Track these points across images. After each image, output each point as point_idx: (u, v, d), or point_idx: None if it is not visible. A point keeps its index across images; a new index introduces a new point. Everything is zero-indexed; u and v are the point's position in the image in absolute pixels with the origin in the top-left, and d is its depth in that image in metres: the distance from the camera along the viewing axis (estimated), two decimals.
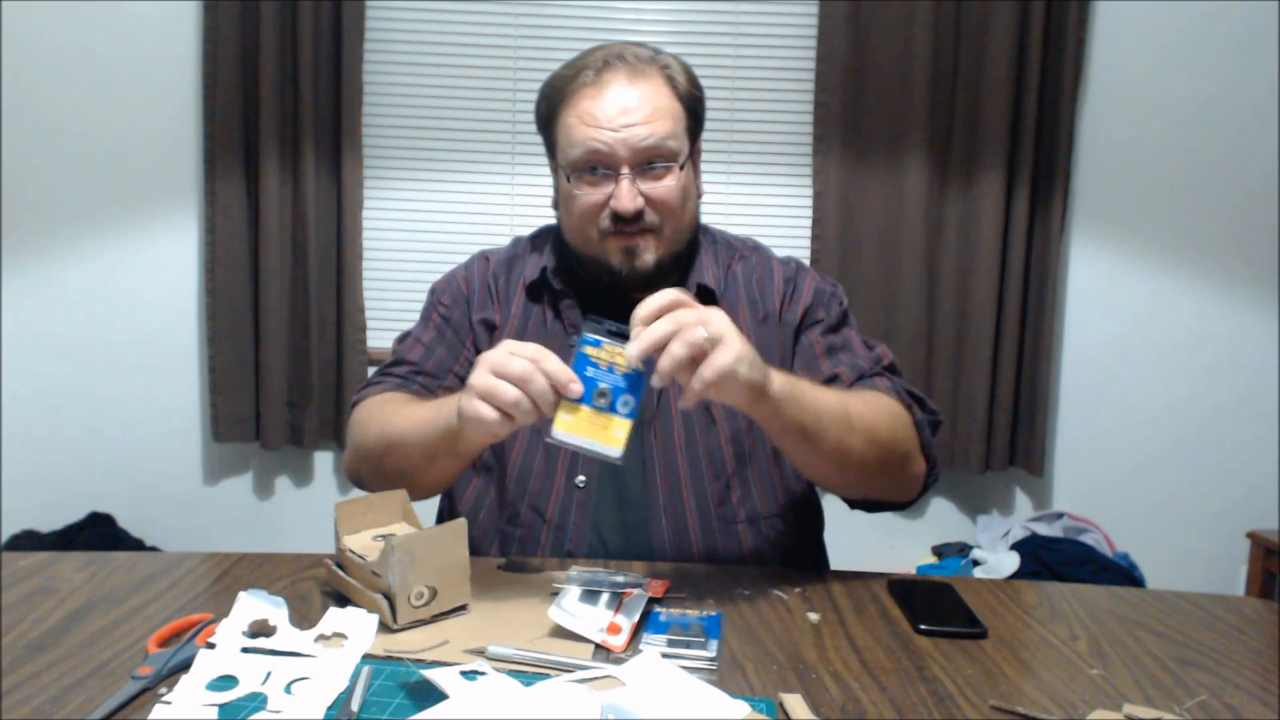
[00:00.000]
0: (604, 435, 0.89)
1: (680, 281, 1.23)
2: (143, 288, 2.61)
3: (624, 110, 1.13)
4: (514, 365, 0.88)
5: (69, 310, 2.61)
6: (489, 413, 0.89)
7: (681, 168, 1.17)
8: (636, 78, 1.16)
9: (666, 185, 1.15)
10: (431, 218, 2.63)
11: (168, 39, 2.53)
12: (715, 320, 0.89)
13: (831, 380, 1.17)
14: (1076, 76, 2.50)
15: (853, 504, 1.19)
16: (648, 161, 1.14)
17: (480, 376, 0.90)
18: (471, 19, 2.57)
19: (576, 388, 0.88)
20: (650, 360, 0.89)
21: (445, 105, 2.60)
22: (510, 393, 0.88)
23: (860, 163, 2.54)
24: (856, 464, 1.06)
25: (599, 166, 1.14)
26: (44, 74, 2.53)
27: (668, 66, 1.19)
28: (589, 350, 0.90)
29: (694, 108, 1.22)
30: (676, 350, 0.87)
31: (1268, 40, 2.55)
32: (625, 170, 1.13)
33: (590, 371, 0.89)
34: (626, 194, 1.13)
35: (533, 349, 0.90)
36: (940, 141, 2.52)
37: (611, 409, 0.89)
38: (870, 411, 1.08)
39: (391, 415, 1.12)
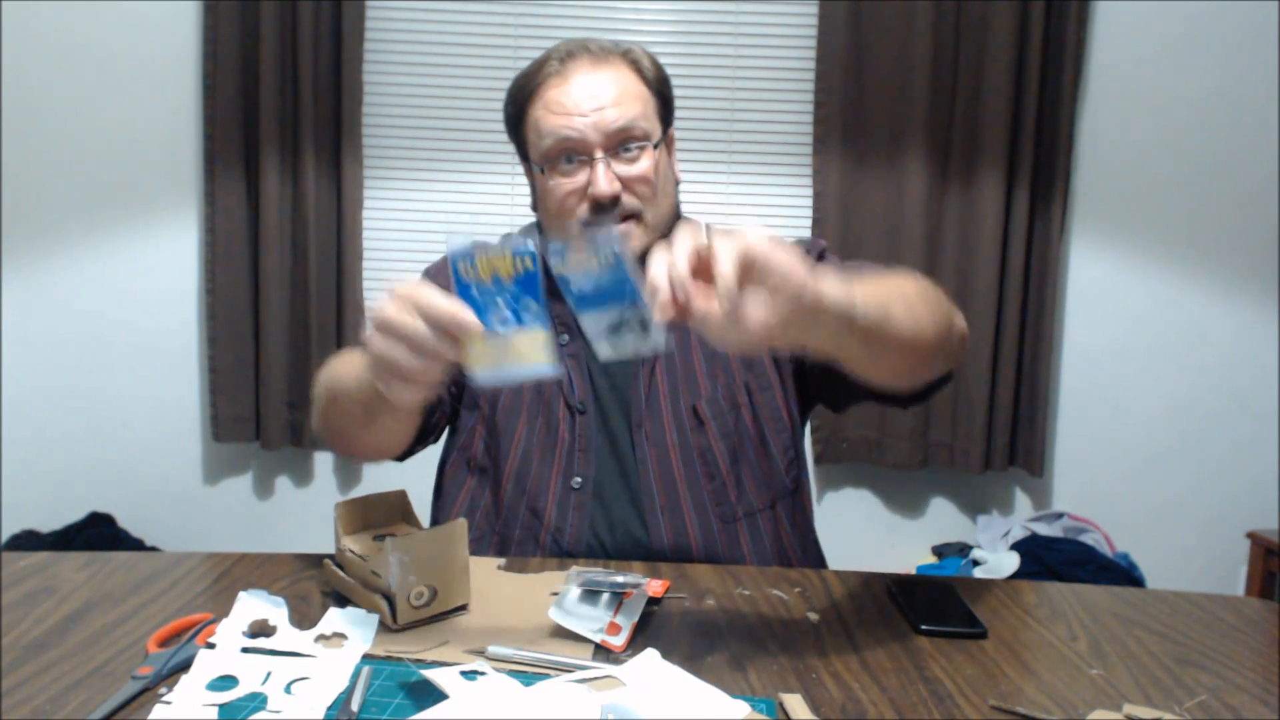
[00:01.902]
0: (524, 355, 0.79)
1: None
2: (143, 288, 2.61)
3: (592, 95, 1.13)
4: (398, 327, 0.78)
5: (69, 310, 2.61)
6: (401, 388, 0.81)
7: (655, 147, 1.16)
8: (601, 64, 1.16)
9: (642, 166, 1.14)
10: (431, 218, 2.63)
11: (168, 39, 2.53)
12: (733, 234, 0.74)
13: None
14: (1076, 76, 2.50)
15: (903, 400, 1.09)
16: (621, 144, 1.13)
17: (374, 341, 0.80)
18: (471, 19, 2.57)
19: (472, 323, 0.77)
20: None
21: (445, 105, 2.60)
22: (409, 363, 0.79)
23: (860, 163, 2.54)
24: (932, 335, 0.95)
25: (571, 154, 1.13)
26: (44, 74, 2.53)
27: (630, 52, 1.19)
28: (463, 270, 0.78)
29: (663, 92, 1.21)
30: (678, 256, 0.72)
31: (1268, 40, 2.55)
32: (599, 154, 1.13)
33: (476, 294, 0.78)
34: (603, 177, 1.12)
35: (410, 295, 0.78)
36: (940, 141, 2.52)
37: (517, 323, 0.78)
38: (907, 280, 0.99)
39: (338, 366, 1.08)
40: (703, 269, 0.73)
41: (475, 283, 0.78)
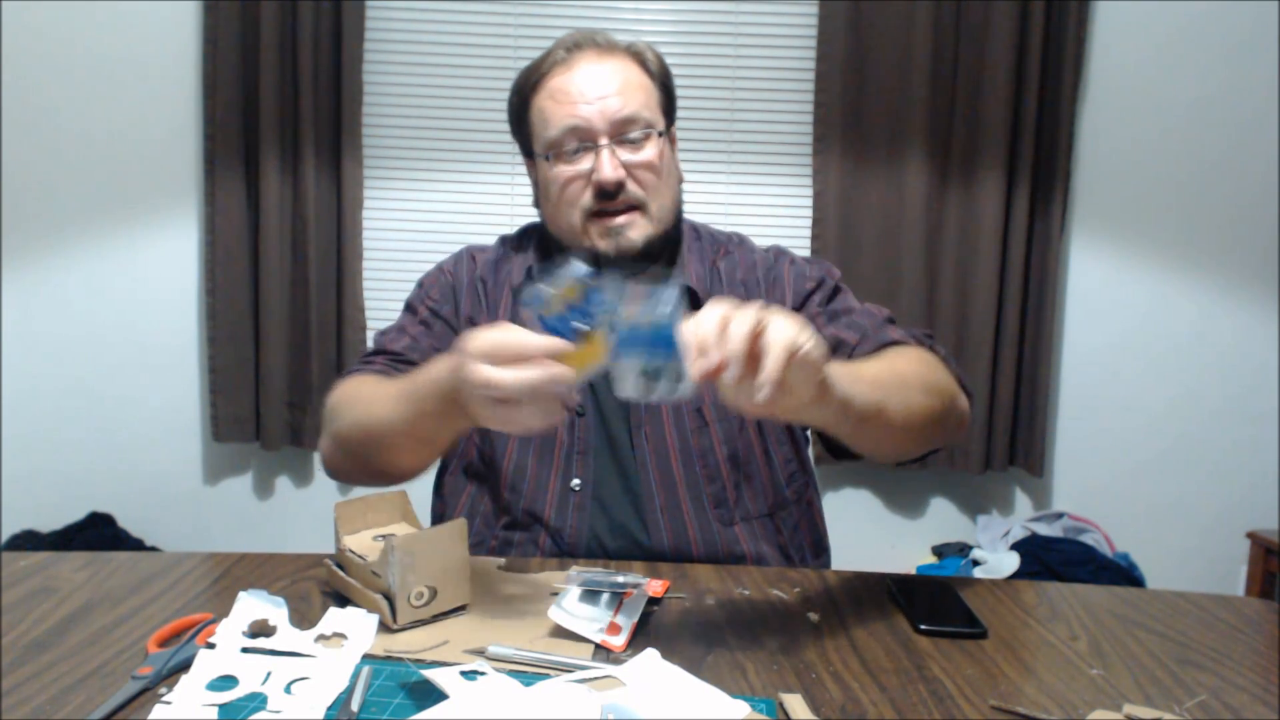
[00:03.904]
0: (597, 356, 0.82)
1: (665, 274, 1.22)
2: (143, 288, 2.61)
3: (597, 84, 1.14)
4: (515, 390, 0.80)
5: (69, 310, 2.61)
6: (542, 425, 0.83)
7: (660, 135, 1.17)
8: (606, 55, 1.17)
9: (647, 155, 1.15)
10: (431, 218, 2.63)
11: (168, 39, 2.53)
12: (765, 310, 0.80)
13: (836, 346, 1.15)
14: (1076, 76, 2.50)
15: (904, 461, 1.14)
16: (625, 132, 1.14)
17: (500, 411, 0.82)
18: (471, 19, 2.57)
19: (564, 345, 0.81)
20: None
21: (445, 105, 2.60)
22: (540, 413, 0.82)
23: (860, 163, 2.54)
24: (924, 421, 1.02)
25: (576, 142, 1.14)
26: (44, 74, 2.53)
27: (633, 45, 1.20)
28: (542, 312, 0.83)
29: (666, 86, 1.22)
30: (736, 330, 0.75)
31: (1268, 40, 2.55)
32: (604, 141, 1.13)
33: (558, 324, 0.83)
34: (607, 163, 1.12)
35: (500, 347, 0.81)
36: (940, 141, 2.52)
37: (588, 321, 0.82)
38: (912, 363, 1.05)
39: (370, 401, 1.07)
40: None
41: (554, 316, 0.83)
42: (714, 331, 0.76)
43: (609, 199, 1.13)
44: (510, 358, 0.81)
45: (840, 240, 2.55)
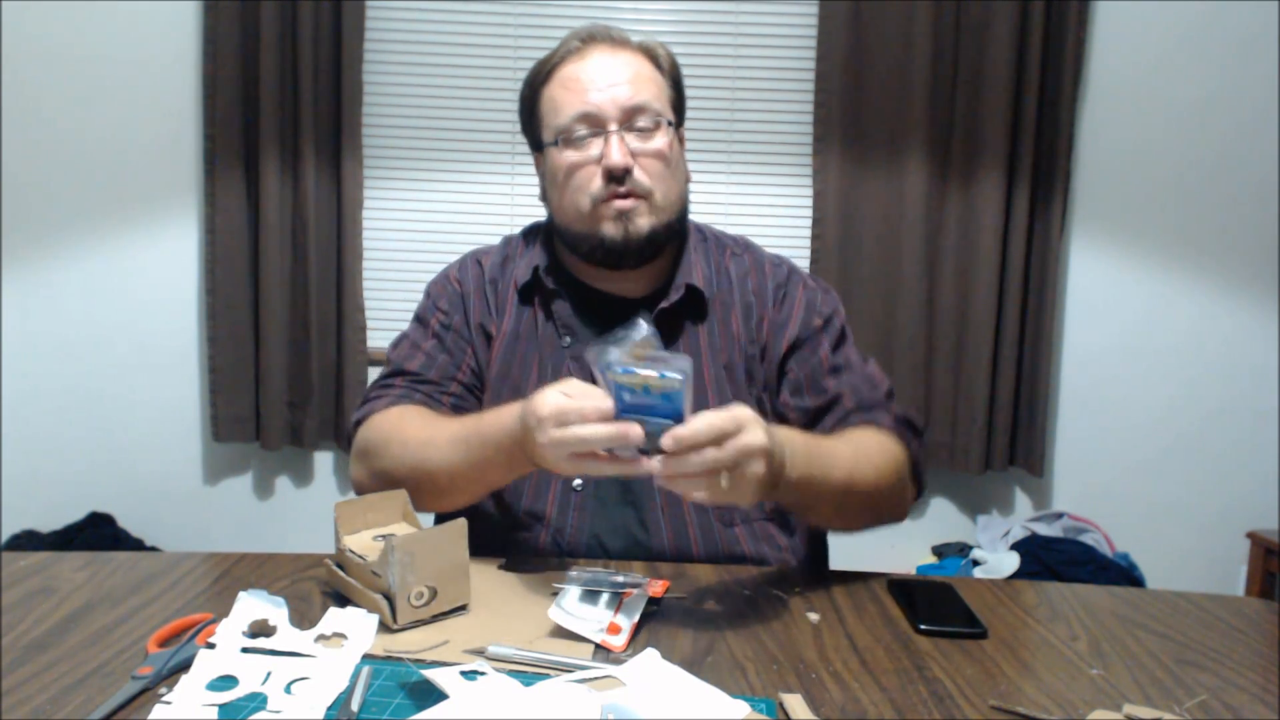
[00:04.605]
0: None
1: (670, 272, 1.22)
2: (143, 288, 2.61)
3: (608, 73, 1.15)
4: (591, 440, 0.89)
5: (69, 310, 2.61)
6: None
7: (670, 126, 1.18)
8: (618, 49, 1.18)
9: (656, 143, 1.15)
10: (431, 218, 2.64)
11: (168, 39, 2.53)
12: (751, 440, 0.88)
13: (835, 401, 1.18)
14: (1076, 76, 2.50)
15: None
16: (634, 120, 1.15)
17: (580, 465, 0.92)
18: (471, 19, 2.57)
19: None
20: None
21: (445, 105, 2.60)
22: (616, 471, 0.92)
23: (860, 163, 2.54)
24: (854, 517, 1.12)
25: (587, 128, 1.14)
26: (44, 74, 2.53)
27: (645, 42, 1.22)
28: (621, 379, 0.88)
29: (677, 83, 1.23)
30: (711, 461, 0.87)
31: (1268, 40, 2.55)
32: (613, 127, 1.13)
33: (629, 397, 0.88)
34: (616, 148, 1.13)
35: (568, 411, 0.89)
36: (940, 141, 2.52)
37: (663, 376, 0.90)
38: (871, 465, 1.09)
39: (423, 444, 1.08)
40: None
41: (631, 364, 0.88)
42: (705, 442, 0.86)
43: (617, 183, 1.14)
44: (580, 419, 0.88)
45: (840, 240, 2.54)
